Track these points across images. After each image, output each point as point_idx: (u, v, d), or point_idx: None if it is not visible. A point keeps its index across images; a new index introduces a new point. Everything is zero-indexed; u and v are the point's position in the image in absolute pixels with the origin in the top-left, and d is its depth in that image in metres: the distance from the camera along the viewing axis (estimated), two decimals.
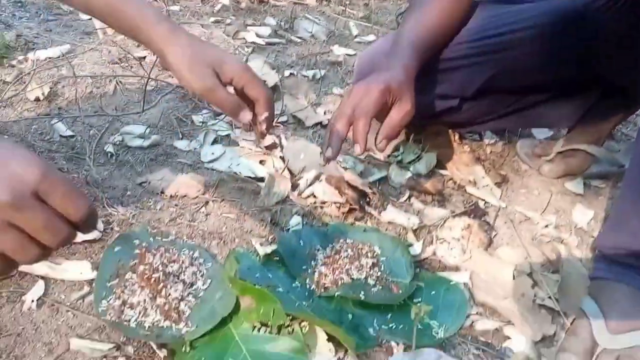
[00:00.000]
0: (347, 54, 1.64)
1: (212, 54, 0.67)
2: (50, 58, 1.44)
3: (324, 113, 1.29)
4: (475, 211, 0.98)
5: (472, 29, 0.96)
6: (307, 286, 0.78)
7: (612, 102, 1.04)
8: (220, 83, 0.66)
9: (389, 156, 1.16)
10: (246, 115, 0.67)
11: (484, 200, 1.03)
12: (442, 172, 1.11)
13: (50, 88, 1.27)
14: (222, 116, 1.23)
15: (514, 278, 0.84)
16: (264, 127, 0.70)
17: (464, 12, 0.96)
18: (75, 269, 0.77)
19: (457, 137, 1.15)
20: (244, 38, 1.66)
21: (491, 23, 0.95)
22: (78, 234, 0.44)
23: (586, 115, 1.06)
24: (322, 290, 0.77)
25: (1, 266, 0.42)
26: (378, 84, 0.77)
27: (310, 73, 1.48)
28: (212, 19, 1.78)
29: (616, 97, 1.03)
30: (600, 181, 1.13)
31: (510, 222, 0.98)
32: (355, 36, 1.82)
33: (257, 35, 1.66)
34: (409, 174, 1.08)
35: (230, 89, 0.69)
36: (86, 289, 0.75)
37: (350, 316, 0.75)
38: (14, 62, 1.38)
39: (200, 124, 1.20)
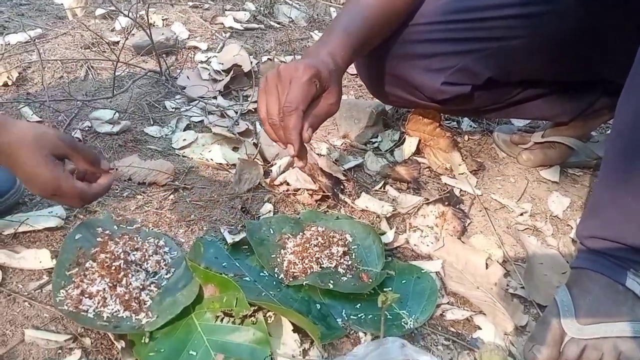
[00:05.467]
0: None
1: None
2: (20, 42, 1.40)
3: None
4: (450, 199, 0.96)
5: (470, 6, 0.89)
6: (276, 275, 0.76)
7: (610, 101, 1.00)
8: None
9: (365, 144, 1.13)
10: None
11: (459, 188, 1.01)
12: (419, 159, 1.09)
13: (20, 73, 1.23)
14: (196, 102, 1.20)
15: (486, 267, 0.82)
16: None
17: (407, 3, 0.89)
18: (34, 258, 0.74)
19: (438, 122, 1.13)
20: (222, 23, 1.62)
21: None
22: None
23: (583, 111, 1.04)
24: (291, 279, 0.76)
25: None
26: (305, 70, 0.70)
27: (288, 59, 1.45)
28: (190, 3, 1.74)
29: (615, 96, 1.00)
30: (577, 170, 1.12)
31: (485, 210, 0.97)
32: None
33: (235, 20, 1.63)
34: (384, 162, 1.07)
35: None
36: (45, 278, 0.72)
37: (318, 306, 0.73)
38: None
39: (173, 110, 1.17)
